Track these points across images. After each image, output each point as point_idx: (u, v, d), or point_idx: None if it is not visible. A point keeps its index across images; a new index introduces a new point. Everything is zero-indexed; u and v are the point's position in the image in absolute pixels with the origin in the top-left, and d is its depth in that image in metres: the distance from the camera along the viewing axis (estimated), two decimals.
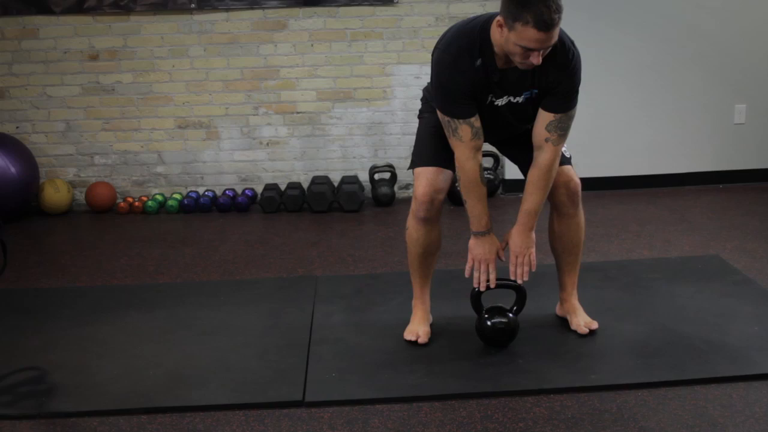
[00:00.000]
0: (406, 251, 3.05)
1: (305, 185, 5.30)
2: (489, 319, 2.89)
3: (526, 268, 2.81)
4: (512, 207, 5.08)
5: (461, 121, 2.66)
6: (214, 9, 5.16)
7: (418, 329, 2.99)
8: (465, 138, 2.68)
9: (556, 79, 2.62)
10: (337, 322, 3.22)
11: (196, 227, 4.86)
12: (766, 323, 3.03)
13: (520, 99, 2.71)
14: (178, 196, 5.27)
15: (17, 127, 5.29)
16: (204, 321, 3.28)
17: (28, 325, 3.29)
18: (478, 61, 2.61)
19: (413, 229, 2.92)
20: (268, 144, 5.37)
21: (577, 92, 2.69)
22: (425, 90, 2.97)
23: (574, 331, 3.01)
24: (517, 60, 2.51)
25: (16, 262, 3.96)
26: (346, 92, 5.30)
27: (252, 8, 5.16)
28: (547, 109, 2.67)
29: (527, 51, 2.45)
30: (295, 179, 5.39)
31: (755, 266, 3.73)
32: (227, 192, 5.29)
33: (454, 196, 4.71)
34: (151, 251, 4.36)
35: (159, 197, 5.29)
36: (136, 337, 3.16)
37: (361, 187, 5.19)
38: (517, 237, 2.81)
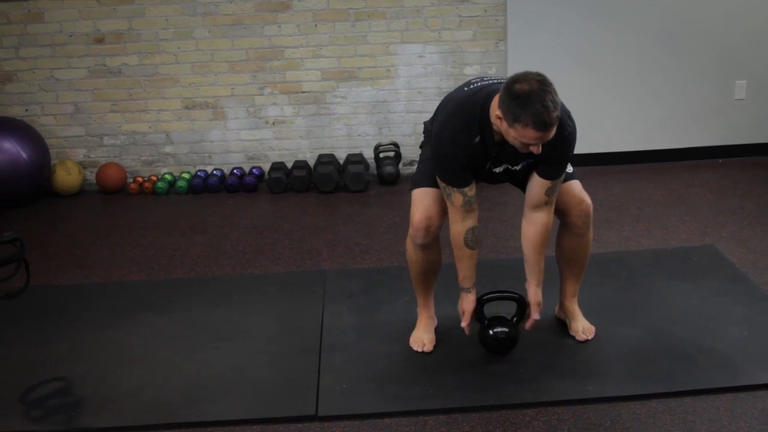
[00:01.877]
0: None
1: (311, 163, 5.40)
2: (491, 328, 3.04)
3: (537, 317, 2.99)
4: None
5: (455, 189, 2.79)
6: None
7: (423, 337, 3.14)
8: (456, 204, 2.82)
9: (552, 151, 2.70)
10: (345, 326, 3.36)
11: (206, 211, 4.98)
12: (754, 327, 3.17)
13: (518, 167, 2.83)
14: (186, 176, 5.38)
15: (26, 110, 5.38)
16: (218, 324, 3.44)
17: (51, 330, 3.44)
18: (477, 138, 2.70)
19: (412, 252, 3.04)
20: (274, 123, 5.45)
21: (570, 159, 2.82)
22: (426, 123, 3.05)
23: (573, 336, 3.16)
24: (517, 146, 2.61)
25: (34, 252, 4.11)
26: (350, 71, 5.36)
27: None
28: (543, 176, 2.78)
29: (527, 144, 2.55)
30: (301, 157, 5.49)
31: (749, 258, 3.85)
32: (235, 171, 5.40)
33: None
34: (163, 240, 4.50)
35: (168, 177, 5.40)
36: (154, 343, 3.31)
37: (366, 166, 5.29)
38: (537, 289, 2.95)
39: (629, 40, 5.23)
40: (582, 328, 3.15)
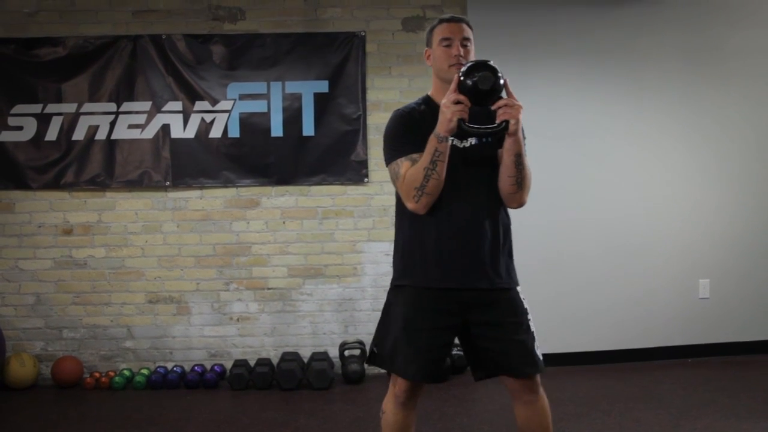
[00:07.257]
0: None
1: (275, 361, 5.27)
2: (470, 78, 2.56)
3: None
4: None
5: (403, 159, 2.70)
6: (189, 186, 5.30)
7: None
8: (403, 171, 2.69)
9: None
10: None
11: (163, 405, 4.77)
12: None
13: (473, 140, 2.71)
14: (145, 372, 5.20)
15: None
16: None
17: None
18: (422, 107, 2.78)
19: (391, 412, 2.87)
20: (238, 319, 5.38)
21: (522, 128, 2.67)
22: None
23: None
24: (445, 66, 2.72)
25: None
26: (316, 269, 5.38)
27: (226, 186, 5.31)
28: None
29: (448, 47, 2.72)
30: (264, 355, 5.36)
31: None
32: (196, 368, 5.24)
33: None
34: None
35: (126, 372, 5.22)
36: None
37: (331, 364, 5.17)
38: None
39: (592, 240, 5.35)
40: None
